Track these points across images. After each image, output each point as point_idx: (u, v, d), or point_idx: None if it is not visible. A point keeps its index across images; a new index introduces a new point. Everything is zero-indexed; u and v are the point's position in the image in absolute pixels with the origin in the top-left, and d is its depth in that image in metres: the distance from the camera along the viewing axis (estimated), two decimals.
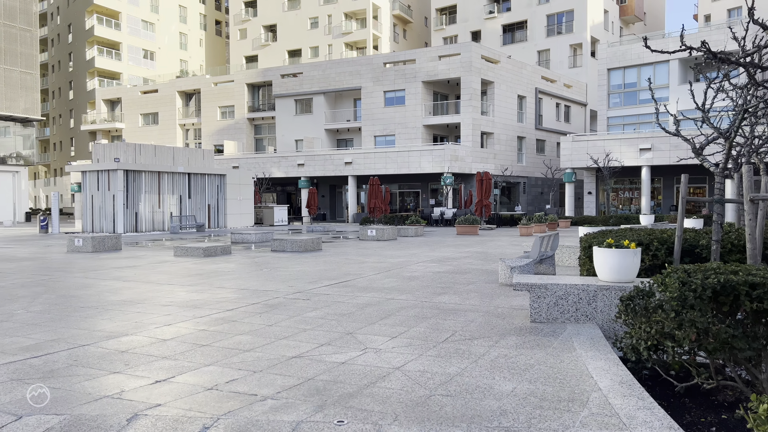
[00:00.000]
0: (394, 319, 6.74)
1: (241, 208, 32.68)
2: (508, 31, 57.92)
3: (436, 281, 9.85)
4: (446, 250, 16.06)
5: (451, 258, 13.91)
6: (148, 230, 27.71)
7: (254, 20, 67.16)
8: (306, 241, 15.84)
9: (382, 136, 43.35)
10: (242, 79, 49.97)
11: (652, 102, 38.18)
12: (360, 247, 17.40)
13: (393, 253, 15.28)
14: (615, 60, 39.15)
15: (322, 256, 14.54)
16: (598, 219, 30.25)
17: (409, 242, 19.37)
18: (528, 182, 45.44)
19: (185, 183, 29.63)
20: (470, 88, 39.63)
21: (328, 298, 8.19)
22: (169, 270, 12.01)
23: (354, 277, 10.58)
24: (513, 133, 44.12)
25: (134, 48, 66.87)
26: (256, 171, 43.00)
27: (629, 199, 38.16)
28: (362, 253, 15.54)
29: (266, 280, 10.19)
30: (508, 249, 16.33)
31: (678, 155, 32.34)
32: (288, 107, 47.28)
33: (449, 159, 36.41)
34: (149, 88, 55.19)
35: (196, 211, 30.01)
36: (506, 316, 6.83)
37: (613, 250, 6.28)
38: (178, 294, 8.82)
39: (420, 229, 22.80)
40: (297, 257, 14.34)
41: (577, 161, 35.21)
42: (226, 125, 50.85)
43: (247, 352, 5.36)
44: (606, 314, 6.18)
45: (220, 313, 7.25)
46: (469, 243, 18.85)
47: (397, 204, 43.25)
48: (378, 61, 43.46)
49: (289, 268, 11.99)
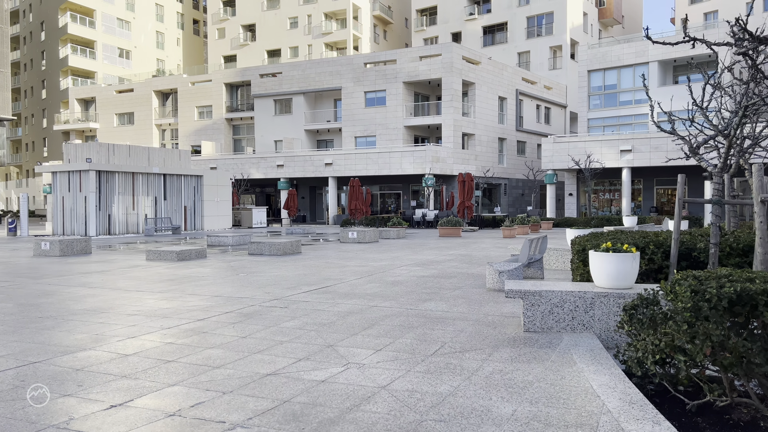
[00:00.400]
0: (379, 329, 6.28)
1: (219, 209, 31.94)
2: (488, 32, 57.92)
3: (421, 286, 9.42)
4: (429, 253, 15.66)
5: (435, 261, 13.50)
6: (121, 233, 26.86)
7: (233, 19, 66.25)
8: (284, 244, 15.31)
9: (362, 137, 42.89)
10: (220, 78, 49.12)
11: (632, 104, 38.37)
12: (341, 250, 16.91)
13: (375, 257, 14.82)
14: (595, 62, 39.23)
15: (302, 260, 14.03)
16: (579, 221, 30.18)
17: (391, 245, 18.93)
18: (509, 184, 45.35)
19: (160, 184, 28.82)
20: (451, 89, 39.38)
21: (307, 306, 7.70)
22: (139, 275, 11.40)
23: (335, 282, 10.10)
24: (494, 134, 44.00)
25: (109, 47, 65.51)
26: (234, 172, 42.22)
27: (609, 201, 38.24)
28: (343, 256, 15.06)
29: (242, 286, 9.65)
30: (492, 252, 15.98)
31: (658, 157, 32.44)
32: (267, 107, 46.56)
33: (430, 160, 36.08)
34: (124, 88, 53.99)
35: (172, 213, 29.22)
36: (497, 324, 6.41)
37: (611, 254, 5.91)
38: (147, 302, 8.25)
39: (402, 231, 22.38)
40: (275, 261, 13.81)
41: (558, 163, 35.14)
42: (203, 125, 49.94)
43: (217, 369, 4.86)
44: (604, 323, 5.80)
45: (190, 323, 6.72)
46: (453, 245, 18.48)
47: (378, 205, 42.82)
48: (358, 61, 43.01)
49: (267, 273, 11.46)
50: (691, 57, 36.59)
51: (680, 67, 38.07)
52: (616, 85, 38.93)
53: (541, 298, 5.92)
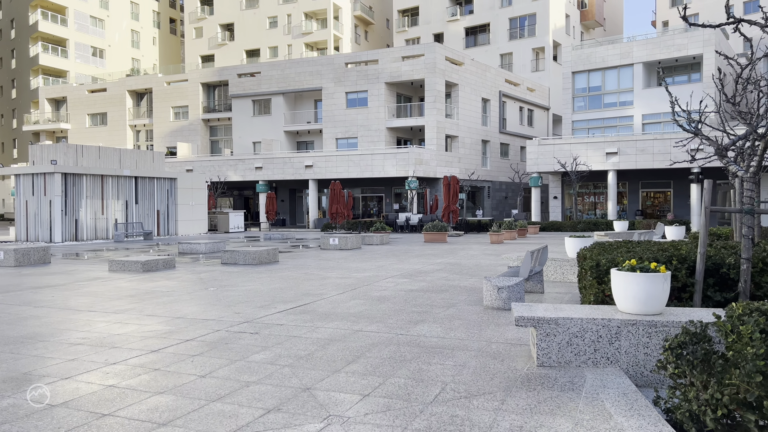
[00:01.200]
0: (365, 363, 5.31)
1: (194, 214, 30.66)
2: (470, 33, 57.33)
3: (411, 303, 8.47)
4: (416, 262, 14.72)
5: (423, 271, 12.57)
6: (89, 239, 25.49)
7: (210, 18, 64.81)
8: (260, 252, 14.25)
9: (344, 139, 41.89)
10: (197, 78, 47.72)
11: (617, 106, 37.93)
12: (321, 258, 15.90)
13: (358, 266, 13.84)
14: (579, 63, 38.75)
15: (279, 270, 12.99)
16: (566, 224, 29.54)
17: (375, 252, 17.97)
18: (493, 186, 44.69)
19: (132, 187, 27.49)
20: (434, 90, 38.58)
21: (282, 331, 6.70)
22: (97, 290, 10.27)
23: (314, 298, 9.10)
24: (477, 136, 43.32)
25: (82, 45, 63.56)
26: (211, 174, 40.91)
27: (593, 204, 37.74)
28: (324, 265, 14.05)
29: (209, 305, 8.61)
30: (483, 260, 15.10)
31: (644, 159, 31.98)
32: (245, 108, 45.30)
33: (414, 162, 35.22)
34: (97, 87, 52.25)
35: (144, 217, 27.89)
36: (504, 356, 5.49)
37: (639, 275, 5.02)
38: (97, 326, 7.18)
39: (385, 236, 21.43)
40: (250, 272, 12.75)
41: (544, 165, 34.52)
42: (179, 126, 48.47)
43: (162, 427, 3.85)
44: (632, 356, 4.91)
45: (142, 356, 5.68)
46: (439, 252, 17.58)
47: (360, 209, 41.83)
48: (339, 61, 42.01)
49: (239, 287, 10.41)
50: (676, 59, 36.33)
51: (664, 69, 37.73)
52: (601, 87, 38.49)
53: (557, 326, 5.01)
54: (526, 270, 7.89)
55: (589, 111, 38.85)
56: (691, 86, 35.62)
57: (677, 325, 4.82)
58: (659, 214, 35.92)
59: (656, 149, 31.72)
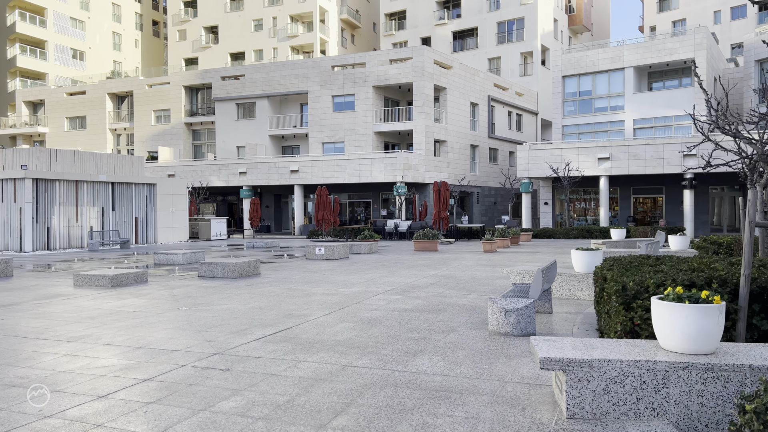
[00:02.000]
0: (357, 414, 4.37)
1: (174, 220, 29.51)
2: (458, 38, 56.77)
3: (406, 327, 7.54)
4: (408, 274, 13.81)
5: (416, 286, 11.65)
6: (62, 248, 24.25)
7: (194, 21, 63.66)
8: (241, 265, 13.25)
9: (330, 143, 40.95)
10: (179, 81, 46.52)
11: (608, 110, 37.40)
12: (307, 270, 14.92)
13: (346, 279, 12.90)
14: (570, 67, 38.20)
15: (260, 285, 12.00)
16: (558, 231, 28.82)
17: (363, 262, 17.03)
18: (482, 192, 43.99)
19: (108, 193, 26.30)
20: (423, 94, 37.81)
21: (258, 366, 5.73)
22: (54, 311, 9.21)
23: (297, 320, 8.14)
24: (466, 141, 42.61)
25: (62, 47, 62.02)
26: (193, 179, 39.74)
27: (584, 210, 37.13)
28: (309, 279, 13.09)
29: (178, 329, 7.61)
30: (478, 271, 14.23)
31: (636, 165, 31.41)
32: (229, 111, 44.20)
33: (402, 167, 34.37)
34: (76, 90, 50.82)
35: (121, 225, 26.69)
36: (524, 403, 4.57)
37: (689, 306, 4.14)
38: (43, 359, 6.16)
39: (374, 245, 20.50)
40: (228, 287, 11.75)
41: (534, 171, 33.82)
42: (161, 130, 47.20)
43: None
44: (684, 407, 4.03)
45: (85, 404, 4.68)
46: (431, 262, 16.69)
47: (347, 215, 40.87)
48: (326, 64, 41.11)
49: (215, 306, 9.42)
50: (667, 63, 35.90)
51: (655, 73, 37.33)
52: (591, 91, 37.97)
53: (592, 370, 4.11)
54: (537, 290, 7.00)
55: (580, 116, 38.30)
56: (682, 91, 35.21)
57: (741, 370, 3.94)
58: (651, 221, 35.39)
59: (649, 154, 31.17)
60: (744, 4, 51.24)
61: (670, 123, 35.60)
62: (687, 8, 55.67)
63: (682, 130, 35.16)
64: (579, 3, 62.08)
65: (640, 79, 37.27)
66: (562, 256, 18.62)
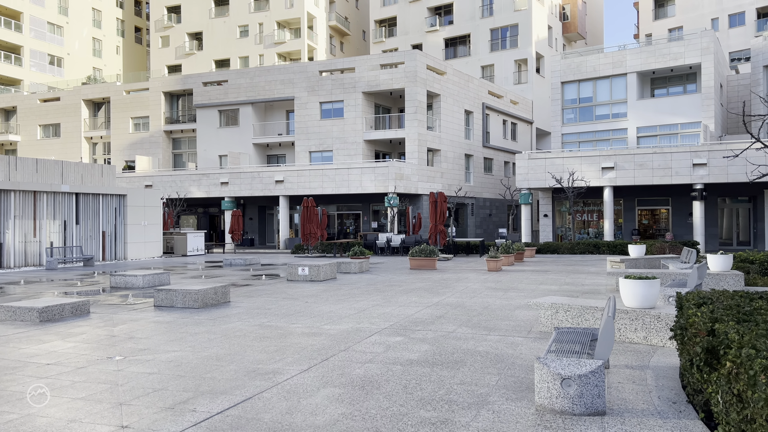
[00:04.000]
0: None
1: (147, 235, 27.10)
2: (450, 45, 55.08)
3: (415, 396, 5.35)
4: (406, 301, 11.62)
5: (420, 320, 9.46)
6: (17, 266, 21.78)
7: (178, 27, 61.56)
8: (206, 292, 10.99)
9: (318, 152, 38.79)
10: (159, 86, 44.22)
11: (610, 118, 35.62)
12: (287, 296, 12.69)
13: (332, 310, 10.68)
14: (569, 73, 36.43)
15: (226, 319, 9.76)
16: (563, 246, 26.78)
17: (353, 284, 14.82)
18: (476, 203, 41.98)
19: (72, 205, 23.89)
20: (415, 101, 35.82)
21: None
22: None
23: (263, 382, 5.92)
24: (460, 150, 40.65)
25: (38, 53, 59.58)
26: (172, 190, 37.36)
27: (585, 222, 35.18)
28: (288, 309, 10.85)
29: (92, 401, 5.36)
30: (490, 298, 12.07)
31: (643, 174, 29.54)
32: (211, 119, 41.94)
33: (394, 177, 32.28)
34: (50, 96, 48.30)
35: (86, 240, 24.26)
36: None
37: None
38: None
39: (365, 263, 18.30)
40: (186, 321, 9.50)
41: (534, 181, 31.84)
42: (139, 138, 44.79)
43: None
44: None
45: None
46: (432, 284, 14.52)
47: (336, 227, 38.65)
48: (313, 68, 39.05)
49: (158, 355, 7.17)
50: (671, 68, 34.24)
51: (658, 79, 35.64)
52: (592, 98, 36.18)
53: None
54: (607, 347, 4.85)
55: (580, 123, 36.48)
56: (688, 97, 33.52)
57: None
58: (656, 234, 33.51)
59: (656, 164, 29.33)
60: (742, 12, 50.02)
61: (676, 131, 33.85)
62: (683, 15, 54.45)
63: (689, 138, 33.42)
64: (573, 10, 60.75)
65: (643, 86, 35.56)
66: (576, 276, 16.55)
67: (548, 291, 12.98)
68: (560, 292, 12.79)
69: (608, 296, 8.49)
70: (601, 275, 16.46)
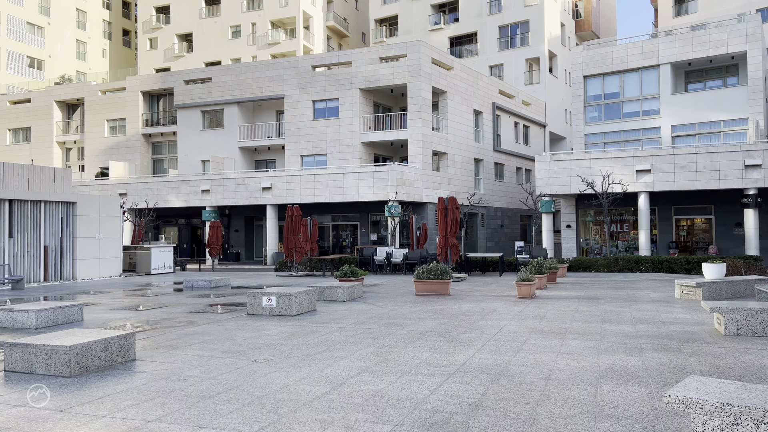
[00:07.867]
0: None
1: (102, 250, 22.90)
2: (456, 44, 51.17)
3: None
4: (413, 362, 7.37)
5: (443, 420, 5.20)
6: None
7: (166, 28, 57.89)
8: (86, 349, 6.74)
9: (310, 156, 34.68)
10: (137, 86, 40.26)
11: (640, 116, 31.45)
12: (230, 346, 8.44)
13: (287, 384, 6.42)
14: (592, 65, 32.33)
15: (101, 404, 5.52)
16: (599, 262, 22.46)
17: (336, 322, 10.57)
18: (487, 213, 37.74)
19: (4, 215, 19.73)
20: (419, 97, 31.75)
21: None
22: None
23: None
24: (470, 154, 36.50)
25: (16, 54, 55.86)
26: (149, 199, 33.25)
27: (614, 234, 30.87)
28: (214, 381, 6.59)
29: None
30: (549, 355, 7.78)
31: (685, 178, 25.32)
32: (193, 120, 37.91)
33: (395, 183, 28.12)
34: (21, 98, 44.40)
35: (21, 257, 20.06)
36: None
37: None
38: None
39: (357, 287, 14.06)
40: (30, 415, 5.26)
41: (557, 186, 27.62)
42: (115, 143, 40.76)
43: None
44: None
45: None
46: (451, 326, 10.27)
47: (330, 240, 34.44)
48: (305, 63, 35.06)
49: None
50: (710, 59, 30.14)
51: (693, 72, 31.53)
52: (619, 94, 32.03)
53: None
54: None
55: (606, 122, 32.31)
56: (730, 91, 29.37)
57: None
58: (696, 247, 29.21)
59: (700, 166, 25.11)
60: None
61: (718, 129, 29.65)
62: (707, 12, 50.37)
63: (733, 137, 29.23)
64: (587, 8, 56.91)
65: (677, 80, 31.45)
66: (638, 305, 12.31)
67: (622, 335, 8.72)
68: (645, 337, 8.52)
69: None
70: (676, 305, 12.20)
